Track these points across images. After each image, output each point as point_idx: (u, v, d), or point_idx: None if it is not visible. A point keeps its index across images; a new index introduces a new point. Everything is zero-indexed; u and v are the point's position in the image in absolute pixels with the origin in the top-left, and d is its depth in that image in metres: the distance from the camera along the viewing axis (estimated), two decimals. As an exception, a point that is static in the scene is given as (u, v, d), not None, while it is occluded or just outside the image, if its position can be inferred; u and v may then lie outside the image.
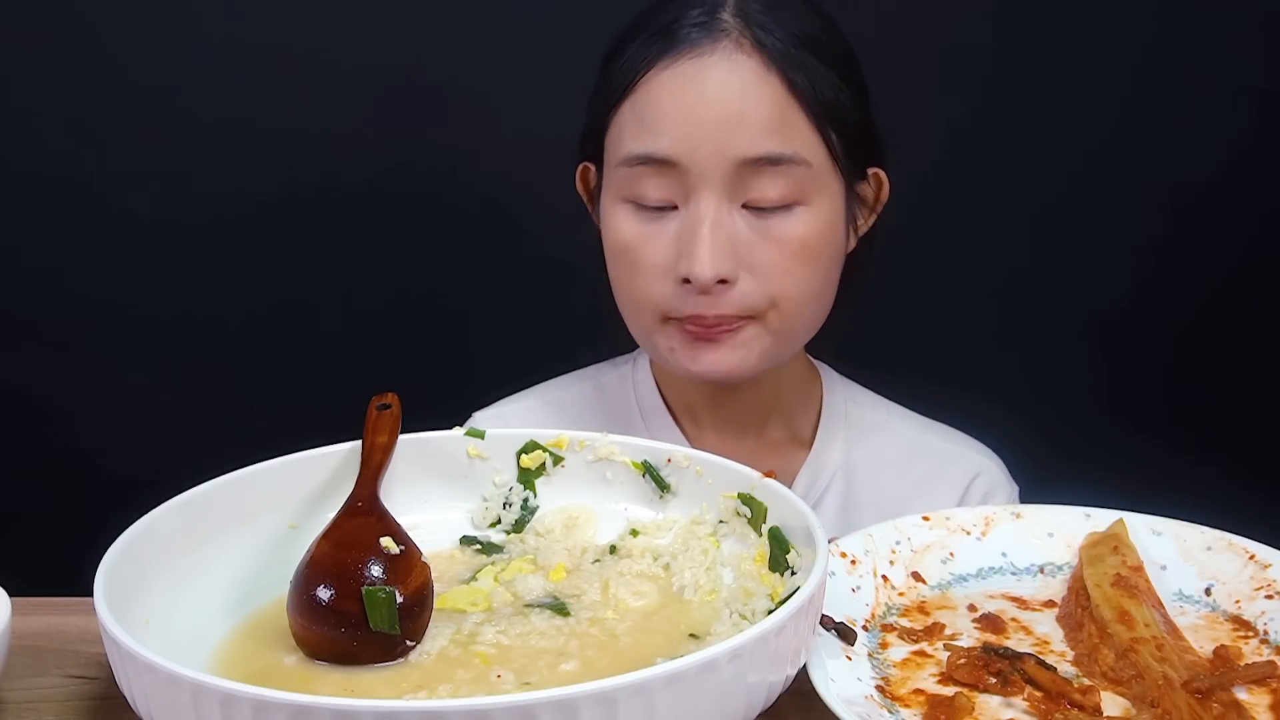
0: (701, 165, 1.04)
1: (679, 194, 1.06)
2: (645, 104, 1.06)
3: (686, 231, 1.05)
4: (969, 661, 0.75)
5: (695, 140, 1.03)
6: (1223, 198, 1.81)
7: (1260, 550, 0.86)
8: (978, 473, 1.23)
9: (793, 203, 1.06)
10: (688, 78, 1.04)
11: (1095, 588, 0.83)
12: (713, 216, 1.04)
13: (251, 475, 0.85)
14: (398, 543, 0.77)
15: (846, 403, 1.26)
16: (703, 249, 1.03)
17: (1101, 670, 0.76)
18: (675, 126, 1.04)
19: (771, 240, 1.06)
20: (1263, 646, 0.80)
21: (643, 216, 1.08)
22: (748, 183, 1.04)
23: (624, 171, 1.08)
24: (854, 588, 0.84)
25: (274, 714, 0.57)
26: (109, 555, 0.71)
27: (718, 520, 0.86)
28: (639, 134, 1.06)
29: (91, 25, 1.68)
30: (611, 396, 1.27)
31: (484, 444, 0.92)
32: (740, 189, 1.05)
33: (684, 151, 1.04)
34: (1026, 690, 0.73)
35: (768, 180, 1.04)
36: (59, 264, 1.74)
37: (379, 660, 0.73)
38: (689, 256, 1.04)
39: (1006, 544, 0.91)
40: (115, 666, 0.65)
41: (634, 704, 0.58)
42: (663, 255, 1.07)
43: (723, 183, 1.04)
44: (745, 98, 1.03)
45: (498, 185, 1.73)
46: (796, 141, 1.05)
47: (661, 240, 1.07)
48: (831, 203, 1.08)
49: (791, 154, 1.04)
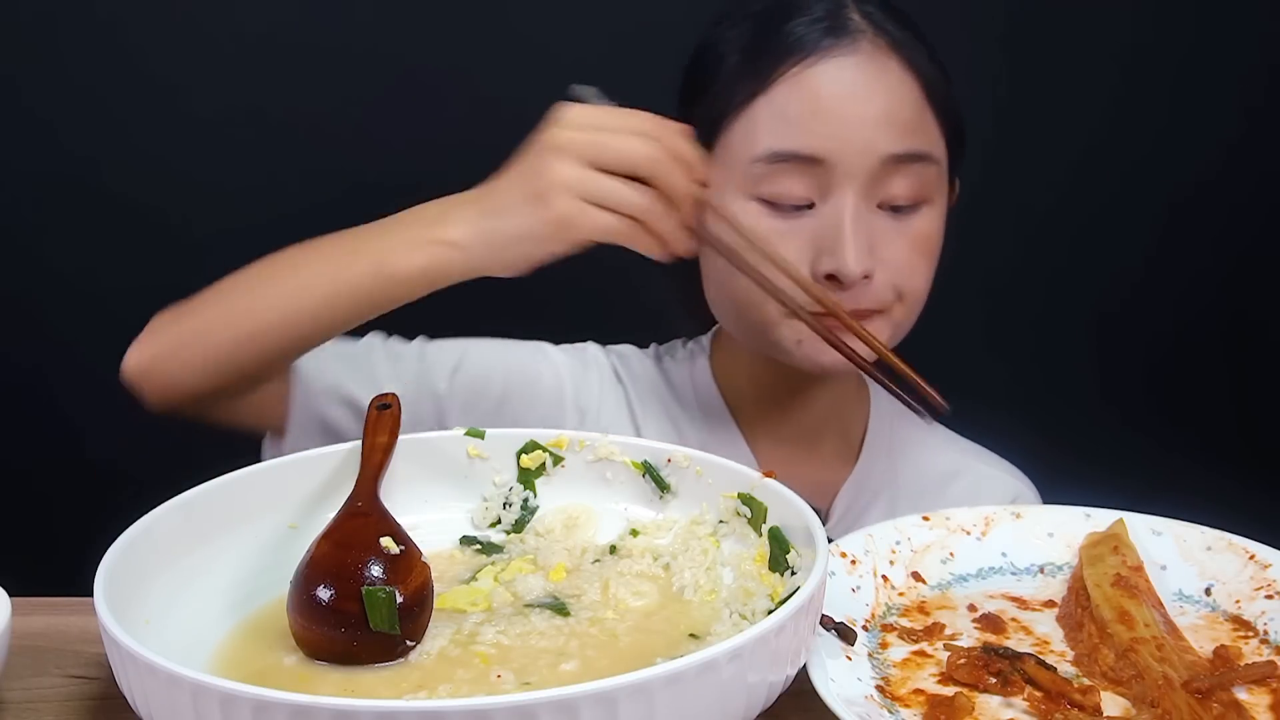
0: (848, 162, 1.04)
1: (817, 192, 1.06)
2: (787, 100, 1.06)
3: (829, 229, 1.05)
4: (969, 662, 0.75)
5: (843, 137, 1.04)
6: (1224, 197, 1.81)
7: (1260, 550, 0.86)
8: (1015, 496, 1.23)
9: (920, 201, 1.08)
10: (834, 74, 1.05)
11: (1095, 587, 0.83)
12: (855, 213, 1.05)
13: (251, 475, 0.85)
14: (398, 543, 0.77)
15: (893, 418, 1.25)
16: (848, 246, 1.04)
17: (1101, 670, 0.76)
18: (824, 124, 1.04)
19: (904, 239, 1.08)
20: (1263, 646, 0.80)
21: (776, 214, 1.07)
22: (885, 180, 1.06)
23: (759, 168, 1.06)
24: (854, 588, 0.84)
25: (274, 714, 0.57)
26: (109, 555, 0.71)
27: (718, 520, 0.86)
28: (779, 131, 1.06)
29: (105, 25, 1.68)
30: (674, 386, 1.25)
31: (484, 444, 0.92)
32: (878, 187, 1.06)
33: (832, 149, 1.04)
34: (1026, 690, 0.74)
35: (904, 178, 1.06)
36: (61, 263, 1.74)
37: (379, 660, 0.73)
38: (834, 254, 1.04)
39: (1006, 544, 0.92)
40: (115, 666, 0.65)
41: (634, 704, 0.58)
42: (798, 252, 1.06)
43: (865, 179, 1.05)
44: (890, 95, 1.06)
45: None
46: (930, 140, 1.08)
47: (798, 237, 1.06)
48: (944, 201, 1.12)
49: (929, 152, 1.07)
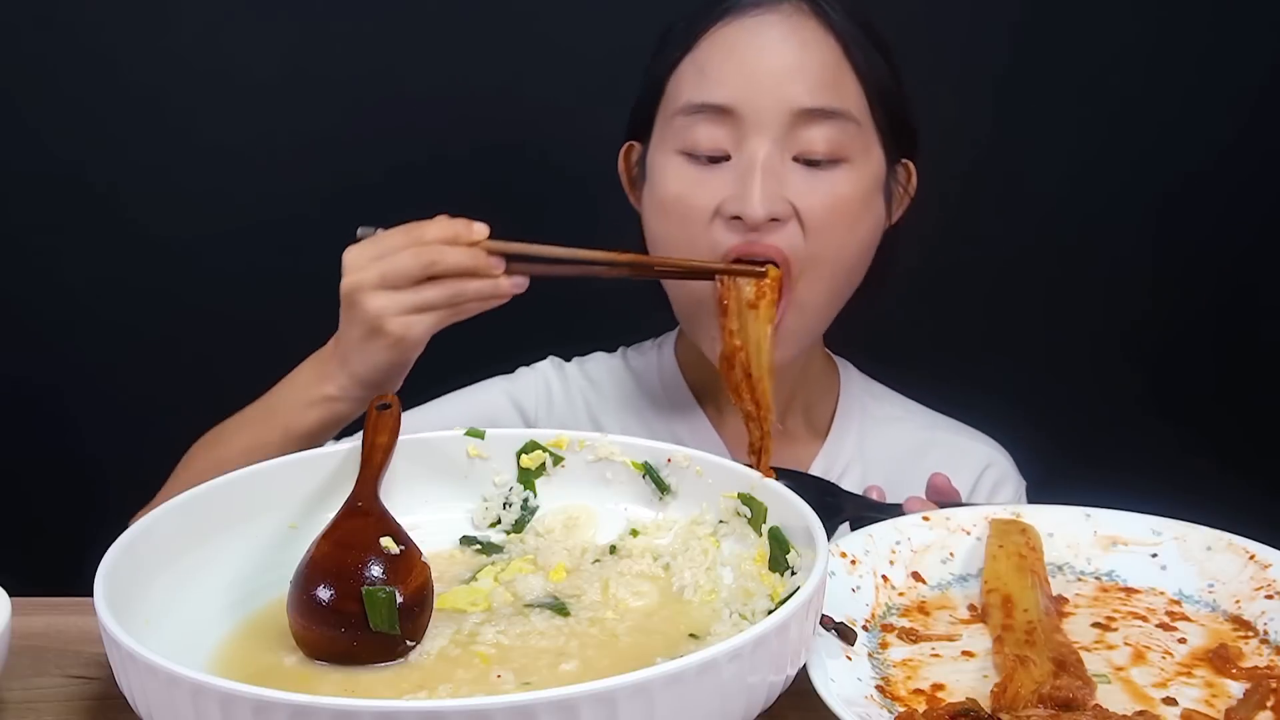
0: (758, 113, 1.07)
1: (732, 143, 1.08)
2: (706, 56, 1.10)
3: (739, 175, 1.08)
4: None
5: (753, 88, 1.07)
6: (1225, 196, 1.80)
7: (1260, 550, 0.86)
8: (988, 464, 1.26)
9: (839, 158, 1.09)
10: (750, 31, 1.09)
11: (991, 559, 0.87)
12: (765, 160, 1.07)
13: (251, 475, 0.85)
14: (398, 543, 0.77)
15: (863, 396, 1.30)
16: (755, 188, 1.06)
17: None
18: (735, 75, 1.08)
19: (819, 192, 1.08)
20: (1263, 646, 0.80)
21: (695, 165, 1.10)
22: (799, 133, 1.08)
23: (680, 121, 1.11)
24: (854, 588, 0.84)
25: (274, 714, 0.57)
26: (109, 555, 0.71)
27: (718, 520, 0.86)
28: (698, 83, 1.10)
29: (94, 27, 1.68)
30: (639, 378, 1.30)
31: (484, 444, 0.92)
32: (792, 139, 1.08)
33: (742, 99, 1.07)
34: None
35: (818, 132, 1.08)
36: (61, 265, 1.74)
37: (379, 660, 0.73)
38: (741, 197, 1.06)
39: (1006, 544, 0.92)
40: (115, 666, 0.65)
41: (634, 704, 0.58)
42: (714, 200, 1.09)
43: (776, 131, 1.07)
44: (804, 51, 1.08)
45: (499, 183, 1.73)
46: (848, 99, 1.09)
47: (713, 186, 1.09)
48: (873, 168, 1.12)
49: (844, 109, 1.09)
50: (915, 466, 1.23)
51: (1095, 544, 0.91)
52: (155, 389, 1.77)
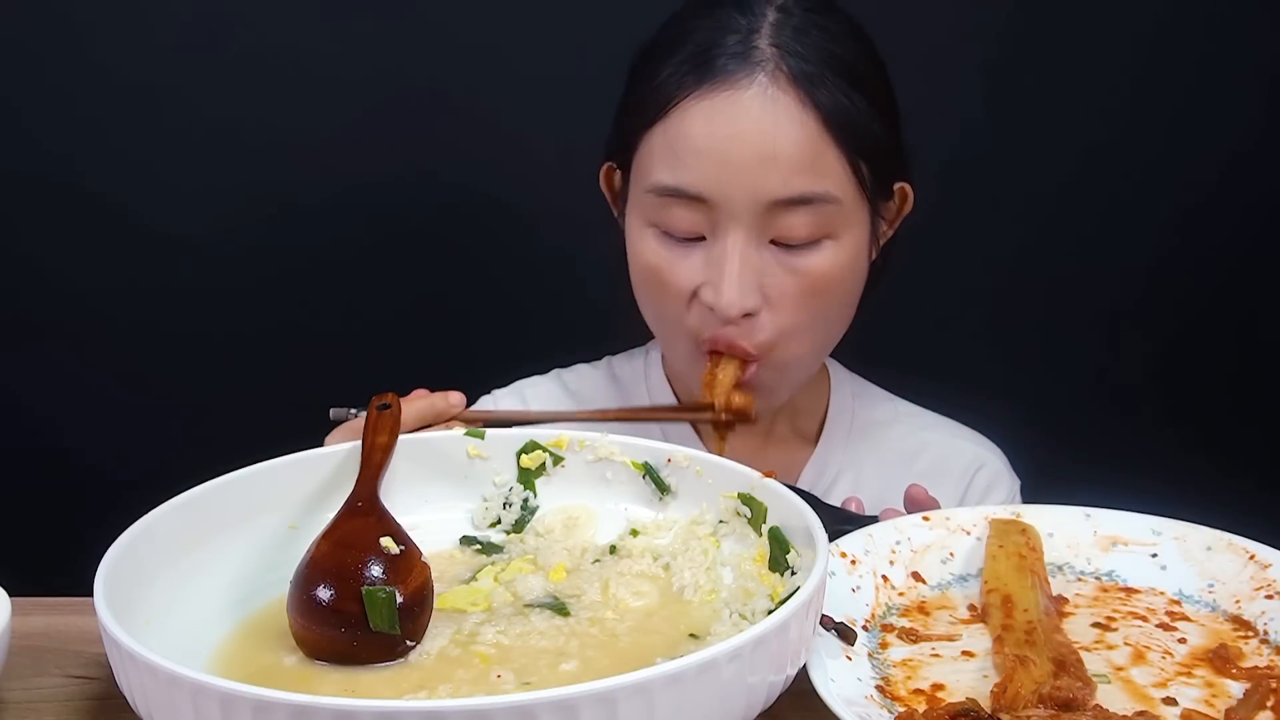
0: (731, 204, 1.03)
1: (707, 227, 1.06)
2: (677, 134, 1.05)
3: (714, 264, 1.05)
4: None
5: (726, 179, 1.03)
6: (1226, 196, 1.80)
7: (1260, 550, 0.86)
8: (980, 465, 1.25)
9: (820, 238, 1.06)
10: (721, 111, 1.03)
11: (991, 559, 0.86)
12: (741, 251, 1.04)
13: (251, 475, 0.85)
14: (398, 543, 0.77)
15: (854, 400, 1.28)
16: (730, 284, 1.03)
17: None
18: (707, 163, 1.03)
19: (797, 276, 1.06)
20: (1263, 646, 0.80)
21: (669, 244, 1.08)
22: (776, 220, 1.04)
23: (652, 199, 1.07)
24: (854, 588, 0.84)
25: (274, 714, 0.57)
26: (109, 555, 0.71)
27: (718, 520, 0.86)
28: (670, 164, 1.05)
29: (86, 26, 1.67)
30: (625, 387, 1.29)
31: (484, 444, 0.92)
32: (769, 226, 1.04)
33: (714, 189, 1.03)
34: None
35: (797, 218, 1.04)
36: (61, 268, 1.73)
37: (379, 660, 0.73)
38: (715, 289, 1.04)
39: (1006, 544, 0.92)
40: (115, 666, 0.65)
41: (634, 704, 0.58)
42: (689, 281, 1.07)
43: (752, 220, 1.04)
44: (780, 136, 1.02)
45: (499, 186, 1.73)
46: (828, 180, 1.04)
47: (688, 267, 1.07)
48: (858, 234, 1.08)
49: (823, 193, 1.04)
50: (907, 470, 1.23)
51: (1095, 544, 0.91)
52: (155, 390, 1.77)
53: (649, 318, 1.15)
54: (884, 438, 1.26)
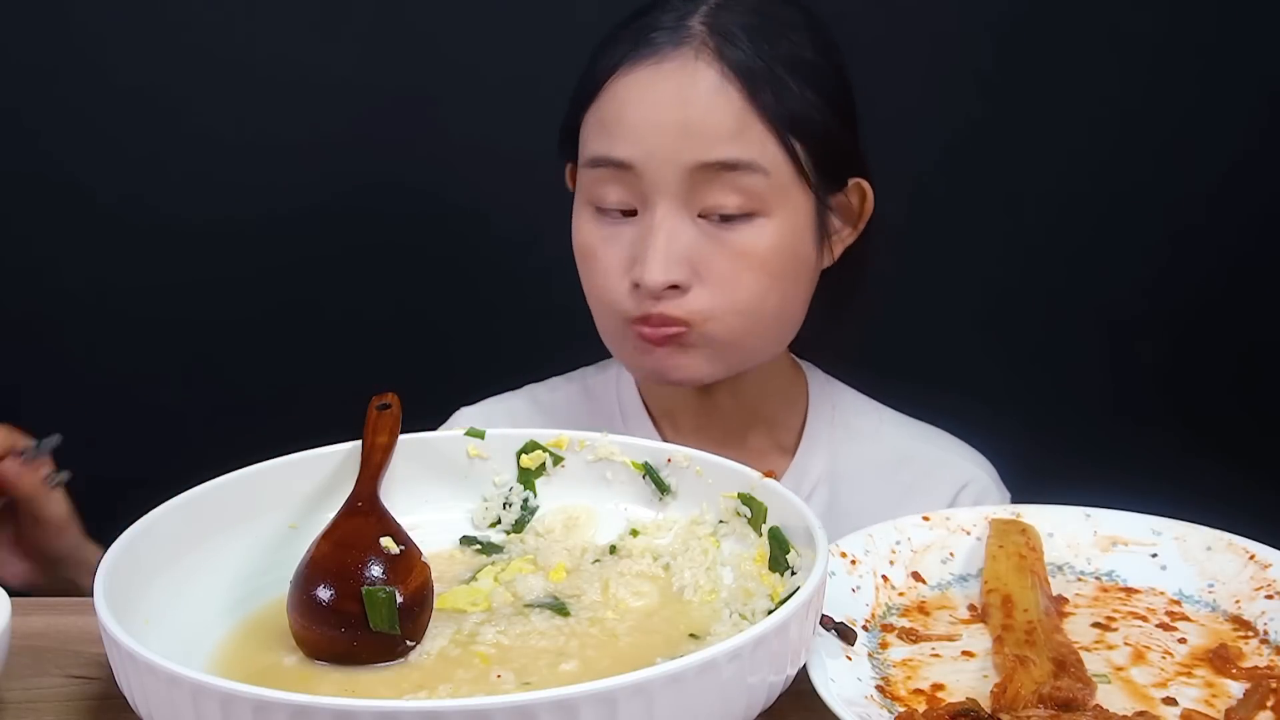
0: (656, 171, 1.04)
1: (637, 199, 1.06)
2: (607, 107, 1.06)
3: (641, 237, 1.05)
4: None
5: (649, 145, 1.03)
6: (1227, 196, 1.80)
7: (1260, 550, 0.86)
8: (966, 482, 1.21)
9: (752, 213, 1.04)
10: (645, 83, 1.04)
11: (991, 559, 0.86)
12: (667, 224, 1.04)
13: (251, 475, 0.85)
14: (398, 543, 0.77)
15: (833, 408, 1.24)
16: (655, 256, 1.03)
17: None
18: (631, 131, 1.04)
19: (727, 250, 1.05)
20: (1263, 646, 0.80)
21: (603, 220, 1.08)
22: (703, 190, 1.03)
23: (588, 174, 1.08)
24: (854, 588, 0.84)
25: (274, 714, 0.57)
26: (109, 555, 0.71)
27: (718, 520, 0.86)
28: (600, 137, 1.07)
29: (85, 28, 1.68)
30: (596, 399, 1.27)
31: (484, 444, 0.92)
32: (696, 196, 1.04)
33: (639, 156, 1.04)
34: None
35: (723, 188, 1.03)
36: (61, 266, 1.74)
37: (379, 660, 0.73)
38: (641, 262, 1.04)
39: (1006, 544, 0.92)
40: (115, 666, 0.65)
41: (634, 704, 0.58)
42: (619, 259, 1.07)
43: (678, 189, 1.04)
44: (699, 105, 1.03)
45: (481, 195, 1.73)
46: (753, 149, 1.03)
47: (619, 244, 1.07)
48: (796, 215, 1.07)
49: (748, 160, 1.03)
50: (889, 484, 1.20)
51: (1095, 544, 0.91)
52: (155, 390, 1.77)
53: (588, 298, 1.13)
54: (865, 447, 1.23)
